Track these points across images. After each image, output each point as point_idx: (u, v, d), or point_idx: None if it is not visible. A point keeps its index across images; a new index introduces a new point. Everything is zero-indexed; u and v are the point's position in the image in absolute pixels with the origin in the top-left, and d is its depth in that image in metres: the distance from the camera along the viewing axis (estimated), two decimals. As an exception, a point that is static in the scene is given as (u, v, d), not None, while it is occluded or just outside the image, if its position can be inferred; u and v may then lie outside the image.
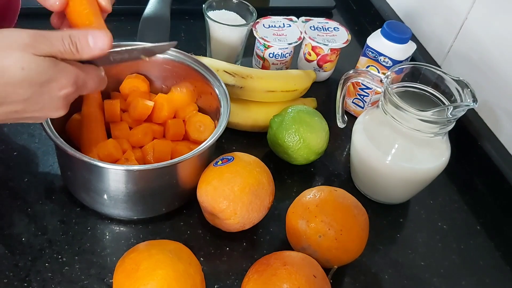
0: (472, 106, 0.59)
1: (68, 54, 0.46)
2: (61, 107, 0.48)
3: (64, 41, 0.45)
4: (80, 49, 0.46)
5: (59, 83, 0.46)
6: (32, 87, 0.44)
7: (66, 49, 0.45)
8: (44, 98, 0.46)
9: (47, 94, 0.45)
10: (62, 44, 0.45)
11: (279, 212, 0.65)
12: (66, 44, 0.45)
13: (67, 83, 0.46)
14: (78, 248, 0.58)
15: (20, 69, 0.43)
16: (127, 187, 0.57)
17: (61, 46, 0.45)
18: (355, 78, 0.68)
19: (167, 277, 0.47)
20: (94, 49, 0.47)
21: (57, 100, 0.47)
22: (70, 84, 0.46)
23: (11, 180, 0.63)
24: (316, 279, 0.50)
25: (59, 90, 0.46)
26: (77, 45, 0.46)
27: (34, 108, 0.46)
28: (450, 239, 0.68)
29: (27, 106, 0.46)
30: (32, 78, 0.44)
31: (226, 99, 0.63)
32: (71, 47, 0.45)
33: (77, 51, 0.46)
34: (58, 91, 0.46)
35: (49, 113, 0.48)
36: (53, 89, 0.45)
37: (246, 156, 0.61)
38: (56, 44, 0.45)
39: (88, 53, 0.47)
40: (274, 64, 0.84)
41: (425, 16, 0.91)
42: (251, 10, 0.83)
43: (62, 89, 0.46)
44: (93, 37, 0.46)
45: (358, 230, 0.57)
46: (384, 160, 0.64)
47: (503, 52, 0.73)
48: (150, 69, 0.69)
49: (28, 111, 0.46)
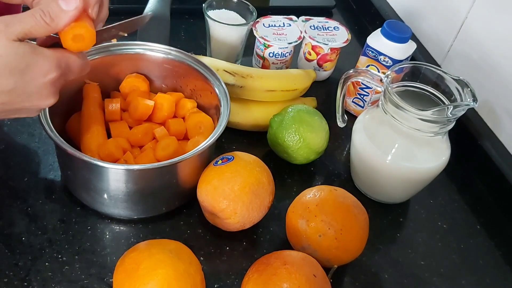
0: (472, 105, 0.59)
1: (43, 27, 0.44)
2: (50, 94, 0.46)
3: (35, 14, 0.43)
4: (54, 15, 0.44)
5: (41, 68, 0.44)
6: (14, 75, 0.43)
7: (39, 21, 0.43)
8: (30, 86, 0.44)
9: (31, 81, 0.44)
10: (34, 18, 0.43)
11: (279, 212, 0.65)
12: (37, 16, 0.43)
13: (49, 67, 0.45)
14: (78, 247, 0.58)
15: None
16: (127, 187, 0.57)
17: (32, 20, 0.43)
18: (355, 78, 0.68)
19: (167, 277, 0.47)
20: (68, 10, 0.44)
21: (44, 87, 0.45)
22: (53, 68, 0.45)
23: (11, 180, 0.63)
24: (316, 278, 0.50)
25: (43, 76, 0.45)
26: (50, 13, 0.44)
27: (21, 98, 0.45)
28: (450, 239, 0.68)
29: (13, 96, 0.44)
30: (12, 65, 0.42)
31: (226, 99, 0.63)
32: (44, 17, 0.43)
33: (52, 19, 0.44)
34: (43, 77, 0.45)
35: (38, 102, 0.46)
36: (36, 75, 0.44)
37: (246, 155, 0.61)
38: (28, 20, 0.43)
39: (64, 17, 0.44)
40: (274, 63, 0.84)
41: (425, 15, 0.91)
42: (251, 10, 0.83)
43: (46, 75, 0.45)
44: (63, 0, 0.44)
45: (358, 230, 0.57)
46: (384, 159, 0.64)
47: (503, 51, 0.73)
48: (150, 68, 0.69)
49: (16, 101, 0.45)
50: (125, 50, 0.67)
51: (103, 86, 0.68)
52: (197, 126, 0.66)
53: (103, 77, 0.67)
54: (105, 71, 0.67)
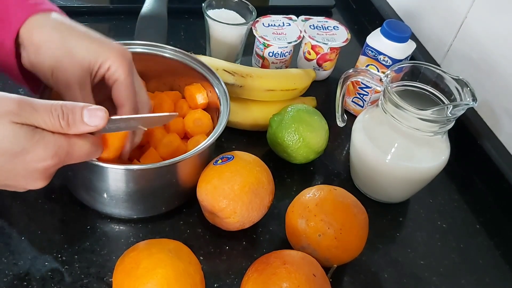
0: (472, 105, 0.59)
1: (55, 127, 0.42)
2: (40, 179, 0.44)
3: (53, 112, 0.41)
4: (71, 122, 0.42)
5: (36, 155, 0.41)
6: (4, 156, 0.40)
7: (54, 122, 0.41)
8: (17, 168, 0.42)
9: (20, 165, 0.41)
10: (50, 116, 0.41)
11: (278, 211, 0.65)
12: (54, 116, 0.41)
13: (45, 155, 0.42)
14: (77, 247, 0.58)
15: None
16: (127, 186, 0.57)
17: (47, 118, 0.41)
18: (355, 77, 0.68)
19: (167, 276, 0.47)
20: (88, 125, 0.42)
21: (35, 172, 0.43)
22: (49, 157, 0.42)
23: (11, 179, 0.63)
24: (315, 278, 0.50)
25: (36, 162, 0.42)
26: (69, 119, 0.42)
27: (7, 177, 0.42)
28: (450, 238, 0.68)
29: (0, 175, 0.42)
30: (5, 147, 0.40)
31: (226, 98, 0.63)
32: (61, 120, 0.41)
33: (68, 125, 0.42)
34: (35, 163, 0.42)
35: (25, 184, 0.44)
36: (28, 161, 0.41)
37: (246, 155, 0.61)
38: (43, 115, 0.41)
39: (80, 128, 0.42)
40: (273, 63, 0.84)
41: (425, 15, 0.91)
42: (250, 9, 0.83)
43: (40, 162, 0.42)
44: (88, 112, 0.42)
45: (357, 229, 0.57)
46: (384, 159, 0.64)
47: (502, 51, 0.73)
48: (149, 67, 0.69)
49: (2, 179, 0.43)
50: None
51: None
52: (196, 124, 0.65)
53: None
54: None
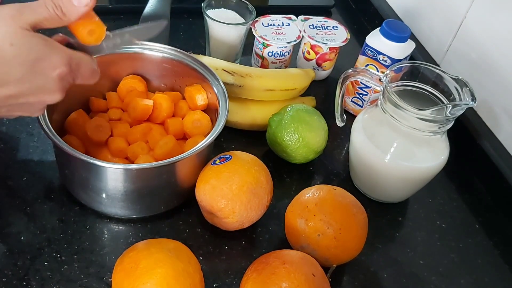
0: (471, 104, 0.59)
1: (54, 20, 0.44)
2: (57, 89, 0.46)
3: (47, 6, 0.44)
4: (65, 10, 0.45)
5: (51, 62, 0.44)
6: (24, 65, 0.43)
7: (51, 13, 0.44)
8: (38, 78, 0.44)
9: (40, 74, 0.44)
10: (46, 10, 0.44)
11: (278, 211, 0.65)
12: (50, 9, 0.44)
13: (59, 62, 0.45)
14: (77, 247, 0.58)
15: (9, 45, 0.41)
16: (125, 186, 0.57)
17: (45, 11, 0.44)
18: (354, 77, 0.68)
19: (166, 276, 0.47)
20: (79, 6, 0.45)
21: (52, 81, 0.45)
22: (63, 64, 0.45)
23: (10, 179, 0.63)
24: (315, 277, 0.50)
25: (52, 70, 0.45)
26: (61, 7, 0.44)
27: (29, 90, 0.45)
28: (449, 238, 0.68)
29: (21, 88, 0.44)
30: (23, 55, 0.42)
31: (225, 98, 0.63)
32: (56, 10, 0.44)
33: (63, 14, 0.45)
34: (52, 70, 0.44)
35: (44, 96, 0.46)
36: (46, 68, 0.44)
37: (244, 154, 0.61)
38: (40, 11, 0.44)
39: (75, 12, 0.45)
40: (273, 62, 0.84)
41: (424, 15, 0.91)
42: (250, 9, 0.83)
43: (55, 68, 0.45)
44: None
45: (357, 229, 0.57)
46: (383, 158, 0.64)
47: (502, 51, 0.73)
48: (149, 68, 0.69)
49: (23, 94, 0.45)
50: (124, 50, 0.67)
51: (99, 86, 0.68)
52: (194, 125, 0.65)
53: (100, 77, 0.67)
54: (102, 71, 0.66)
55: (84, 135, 0.62)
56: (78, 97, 0.66)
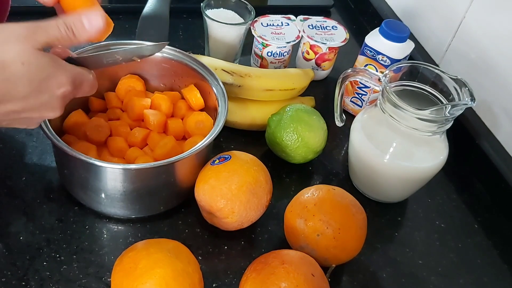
0: (470, 104, 0.59)
1: (65, 40, 0.45)
2: (58, 107, 0.47)
3: (59, 27, 0.45)
4: (76, 32, 0.46)
5: (58, 81, 0.45)
6: (32, 83, 0.44)
7: (63, 35, 0.45)
8: (43, 96, 0.45)
9: (45, 92, 0.45)
10: (59, 31, 0.45)
11: (277, 211, 0.65)
12: (62, 30, 0.45)
13: (65, 81, 0.46)
14: (76, 247, 0.58)
15: (21, 64, 0.42)
16: (124, 186, 0.57)
17: (57, 33, 0.45)
18: (353, 77, 0.68)
19: (166, 276, 0.47)
20: (90, 30, 0.46)
21: (56, 99, 0.46)
22: (68, 83, 0.46)
23: (9, 179, 0.63)
24: (314, 277, 0.50)
25: (57, 88, 0.46)
26: (73, 30, 0.46)
27: (32, 106, 0.46)
28: (448, 238, 0.68)
29: (25, 104, 0.45)
30: (32, 74, 0.43)
31: (224, 98, 0.63)
32: (68, 32, 0.45)
33: (74, 35, 0.46)
34: (57, 89, 0.46)
35: (46, 113, 0.47)
36: (51, 87, 0.45)
37: (243, 154, 0.61)
38: (52, 32, 0.45)
39: (85, 35, 0.46)
40: (272, 62, 0.84)
41: (423, 15, 0.91)
42: (249, 9, 0.83)
43: (60, 87, 0.46)
44: (87, 19, 0.46)
45: (356, 229, 0.57)
46: (382, 158, 0.64)
47: (501, 51, 0.73)
48: (148, 68, 0.69)
49: (26, 110, 0.46)
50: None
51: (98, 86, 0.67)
52: (197, 126, 0.65)
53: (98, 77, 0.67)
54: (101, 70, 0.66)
55: (83, 135, 0.62)
56: (77, 97, 0.66)
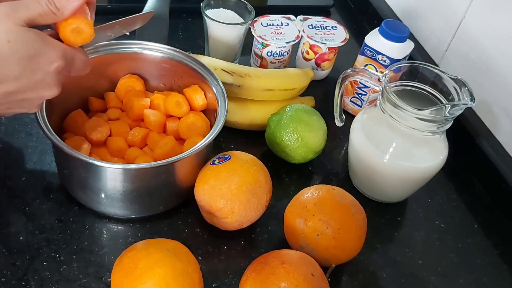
0: (470, 104, 0.59)
1: (49, 15, 0.45)
2: (54, 84, 0.47)
3: (40, 2, 0.44)
4: (59, 5, 0.45)
5: (48, 57, 0.45)
6: (21, 61, 0.43)
7: (45, 9, 0.44)
8: (36, 73, 0.45)
9: (38, 69, 0.45)
10: (40, 6, 0.44)
11: (277, 211, 0.65)
12: (43, 4, 0.44)
13: (56, 56, 0.45)
14: (76, 247, 0.58)
15: (7, 41, 0.42)
16: (124, 186, 0.57)
17: (39, 7, 0.44)
18: (353, 77, 0.68)
19: (165, 276, 0.47)
20: (72, 1, 0.45)
21: (49, 76, 0.46)
22: (59, 57, 0.45)
23: (9, 179, 0.63)
24: (314, 277, 0.50)
25: (49, 64, 0.45)
26: (55, 2, 0.45)
27: (27, 86, 0.45)
28: (448, 238, 0.68)
29: (19, 84, 0.44)
30: (20, 51, 0.43)
31: (224, 98, 0.63)
32: (49, 5, 0.44)
33: (57, 9, 0.45)
34: (49, 65, 0.45)
35: (43, 91, 0.47)
36: (43, 63, 0.45)
37: (243, 154, 0.61)
38: (34, 7, 0.44)
39: (68, 7, 0.45)
40: (272, 62, 0.84)
41: (423, 14, 0.91)
42: (249, 9, 0.83)
43: (52, 63, 0.45)
44: None
45: (356, 229, 0.57)
46: (382, 158, 0.64)
47: (501, 51, 0.73)
48: (148, 68, 0.69)
49: (22, 90, 0.45)
50: (123, 49, 0.67)
51: (98, 86, 0.68)
52: (190, 128, 0.65)
53: (98, 77, 0.67)
54: (101, 70, 0.67)
55: (83, 135, 0.62)
56: (77, 97, 0.66)
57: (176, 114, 0.66)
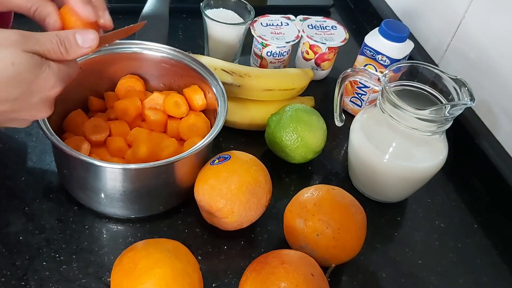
0: (470, 104, 0.59)
1: (56, 54, 0.45)
2: (48, 106, 0.47)
3: (52, 39, 0.45)
4: (69, 47, 0.46)
5: (48, 83, 0.45)
6: (22, 85, 0.43)
7: (55, 47, 0.45)
8: (34, 97, 0.45)
9: (36, 93, 0.45)
10: (51, 43, 0.44)
11: (277, 211, 0.65)
12: (54, 42, 0.45)
13: (55, 81, 0.45)
14: (75, 247, 0.58)
15: (11, 64, 0.42)
16: (123, 186, 0.57)
17: (49, 44, 0.44)
18: (353, 77, 0.68)
19: (165, 276, 0.47)
20: (83, 47, 0.46)
21: (46, 100, 0.46)
22: (58, 83, 0.46)
23: (9, 179, 0.63)
24: (314, 277, 0.50)
25: (48, 90, 0.45)
26: (66, 44, 0.45)
27: (22, 108, 0.45)
28: (448, 238, 0.68)
29: (15, 105, 0.45)
30: (22, 75, 0.43)
31: (224, 98, 0.63)
32: (60, 46, 0.45)
33: (66, 51, 0.45)
34: (48, 90, 0.45)
35: (36, 113, 0.47)
36: (42, 88, 0.45)
37: (243, 154, 0.61)
38: (45, 42, 0.44)
39: (77, 52, 0.46)
40: (272, 62, 0.84)
41: (423, 14, 0.91)
42: (249, 9, 0.83)
43: (51, 89, 0.46)
44: (81, 36, 0.46)
45: (355, 229, 0.57)
46: (382, 158, 0.64)
47: (500, 51, 0.73)
48: (148, 68, 0.69)
49: (16, 110, 0.45)
50: (123, 49, 0.67)
51: (97, 87, 0.68)
52: (191, 129, 0.65)
53: (98, 77, 0.67)
54: (100, 70, 0.67)
55: (83, 135, 0.62)
56: (77, 97, 0.66)
57: (175, 114, 0.66)
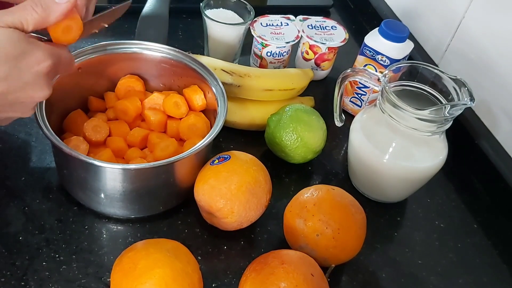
0: (469, 104, 0.59)
1: (34, 17, 0.43)
2: (44, 85, 0.46)
3: (25, 6, 0.43)
4: (45, 6, 0.44)
5: (35, 57, 0.44)
6: (8, 61, 0.42)
7: (29, 11, 0.43)
8: (24, 73, 0.44)
9: (26, 69, 0.44)
10: (25, 9, 0.43)
11: (276, 211, 0.65)
12: (28, 7, 0.43)
13: (43, 55, 0.44)
14: (75, 247, 0.58)
15: None
16: (123, 186, 0.57)
17: (24, 10, 0.43)
18: (353, 77, 0.68)
19: (165, 276, 0.47)
20: (60, 3, 0.44)
21: (38, 76, 0.45)
22: (47, 57, 0.45)
23: (8, 179, 0.63)
24: (313, 277, 0.50)
25: (37, 64, 0.44)
26: (42, 4, 0.43)
27: (16, 87, 0.44)
28: (447, 238, 0.68)
29: (8, 85, 0.44)
30: (6, 51, 0.42)
31: (224, 98, 0.63)
32: (35, 7, 0.43)
33: (43, 10, 0.44)
34: (37, 65, 0.44)
35: (33, 93, 0.46)
36: (31, 63, 0.44)
37: (242, 154, 0.61)
38: (17, 11, 0.43)
39: (55, 9, 0.44)
40: (271, 62, 0.84)
41: (423, 15, 0.91)
42: (248, 9, 0.83)
43: (40, 63, 0.44)
44: None
45: (355, 229, 0.57)
46: (382, 158, 0.64)
47: (500, 51, 0.73)
48: (148, 68, 0.69)
49: (11, 91, 0.44)
50: (122, 49, 0.67)
51: (97, 86, 0.68)
52: (191, 129, 0.65)
53: (98, 77, 0.67)
54: (100, 70, 0.67)
55: (83, 135, 0.62)
56: (77, 97, 0.66)
57: (175, 114, 0.66)
